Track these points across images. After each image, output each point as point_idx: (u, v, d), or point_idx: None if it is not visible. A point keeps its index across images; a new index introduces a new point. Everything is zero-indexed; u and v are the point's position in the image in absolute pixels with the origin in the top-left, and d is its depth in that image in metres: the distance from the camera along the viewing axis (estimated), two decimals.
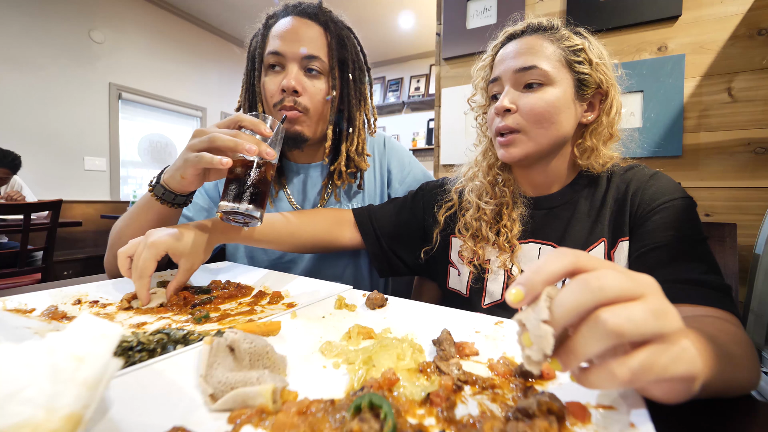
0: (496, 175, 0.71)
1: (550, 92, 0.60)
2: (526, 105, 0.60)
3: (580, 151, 0.64)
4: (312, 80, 0.78)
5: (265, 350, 0.33)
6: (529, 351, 0.25)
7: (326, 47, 0.79)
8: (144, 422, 0.25)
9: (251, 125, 0.58)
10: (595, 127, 0.63)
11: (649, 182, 0.61)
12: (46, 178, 3.18)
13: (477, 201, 0.70)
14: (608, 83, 0.61)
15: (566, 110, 0.61)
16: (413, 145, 4.74)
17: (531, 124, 0.61)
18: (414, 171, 0.96)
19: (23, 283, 2.08)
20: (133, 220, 0.67)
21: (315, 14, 0.79)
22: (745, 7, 1.06)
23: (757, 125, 1.06)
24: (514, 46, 0.63)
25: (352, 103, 0.84)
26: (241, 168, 0.57)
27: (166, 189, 0.63)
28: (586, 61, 0.61)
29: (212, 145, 0.55)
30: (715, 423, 0.31)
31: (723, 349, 0.31)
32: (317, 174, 0.90)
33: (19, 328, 0.42)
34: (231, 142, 0.54)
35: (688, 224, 0.55)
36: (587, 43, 0.62)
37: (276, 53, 0.76)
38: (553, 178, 0.68)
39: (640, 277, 0.24)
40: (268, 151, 0.56)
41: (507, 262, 0.67)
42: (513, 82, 0.62)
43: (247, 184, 0.57)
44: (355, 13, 4.02)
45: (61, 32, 3.25)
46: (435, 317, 0.48)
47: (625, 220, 0.61)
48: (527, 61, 0.60)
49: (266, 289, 0.62)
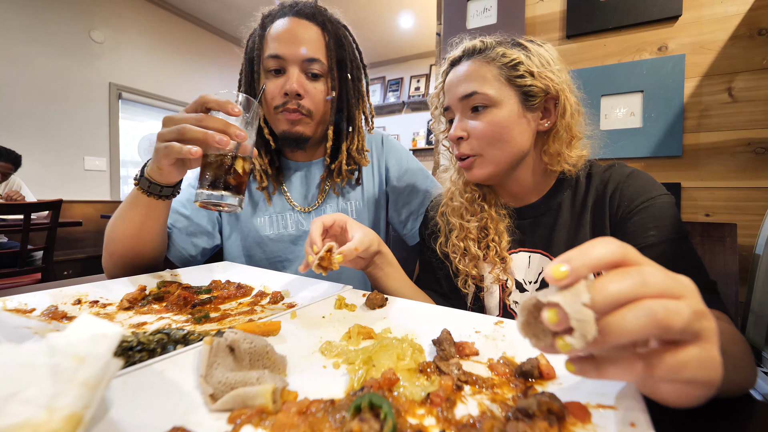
0: (473, 191, 0.71)
1: (495, 113, 0.61)
2: (475, 130, 0.62)
3: (548, 157, 0.64)
4: (313, 82, 0.78)
5: (265, 350, 0.33)
6: (570, 338, 0.23)
7: (325, 48, 0.79)
8: (144, 422, 0.25)
9: (218, 106, 0.55)
10: (555, 131, 0.63)
11: (626, 182, 0.61)
12: (46, 178, 3.18)
13: (459, 221, 0.70)
14: (556, 88, 0.61)
15: (517, 126, 0.61)
16: (413, 145, 4.74)
17: (485, 147, 0.62)
18: (411, 169, 0.96)
19: (23, 283, 2.08)
20: (124, 217, 0.67)
21: (312, 14, 0.79)
22: (746, 7, 1.06)
23: (758, 125, 1.06)
24: (456, 73, 0.65)
25: (351, 103, 0.85)
26: (215, 153, 0.55)
27: (151, 181, 0.62)
28: (527, 72, 0.61)
29: (181, 137, 0.53)
30: (715, 423, 0.31)
31: (725, 350, 0.31)
32: (316, 171, 0.91)
33: (19, 328, 0.42)
34: (200, 133, 0.52)
35: (669, 223, 0.55)
36: (524, 54, 0.62)
37: (276, 57, 0.76)
38: (529, 188, 0.68)
39: (681, 278, 0.24)
40: (238, 133, 0.53)
41: (501, 275, 0.67)
42: (460, 109, 0.64)
43: (221, 169, 0.54)
44: (355, 13, 4.03)
45: (61, 32, 3.25)
46: (435, 317, 0.48)
47: (606, 223, 0.61)
48: (467, 88, 0.62)
49: (266, 289, 0.63)
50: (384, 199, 0.96)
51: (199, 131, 0.52)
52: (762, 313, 0.89)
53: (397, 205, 0.95)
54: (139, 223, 0.66)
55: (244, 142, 0.55)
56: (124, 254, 0.69)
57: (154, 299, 0.56)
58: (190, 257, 0.83)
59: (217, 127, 0.53)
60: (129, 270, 0.71)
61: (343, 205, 0.90)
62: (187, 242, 0.82)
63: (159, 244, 0.73)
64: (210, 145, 0.52)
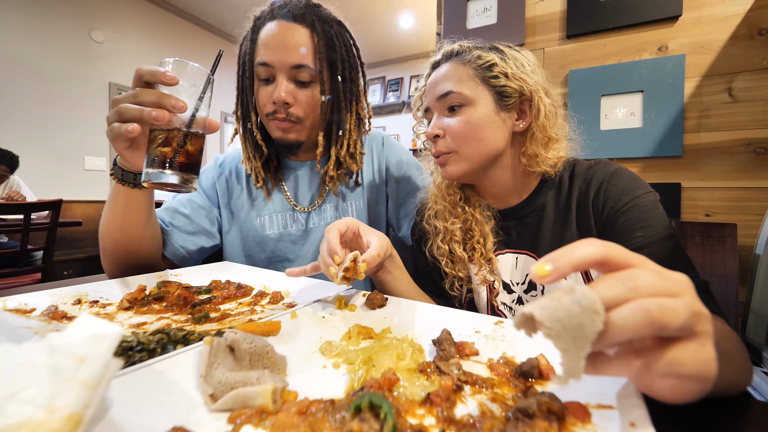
0: (455, 193, 0.72)
1: (471, 112, 0.63)
2: (450, 128, 0.64)
3: (526, 158, 0.65)
4: (302, 89, 0.78)
5: (265, 350, 0.33)
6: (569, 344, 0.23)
7: (314, 52, 0.77)
8: (144, 422, 0.25)
9: (151, 77, 0.51)
10: (532, 133, 0.64)
11: (610, 181, 0.61)
12: (46, 178, 3.18)
13: (443, 224, 0.71)
14: (529, 89, 0.62)
15: (491, 124, 0.63)
16: (413, 145, 4.72)
17: (459, 144, 0.64)
18: (411, 170, 0.96)
19: (23, 283, 2.08)
20: (109, 211, 0.67)
21: (301, 15, 0.77)
22: (746, 7, 1.06)
23: (758, 125, 1.06)
24: (435, 76, 0.67)
25: (341, 106, 0.83)
26: (158, 130, 0.51)
27: (123, 170, 0.61)
28: (501, 74, 0.62)
29: (120, 117, 0.51)
30: (714, 422, 0.31)
31: (720, 347, 0.31)
32: (315, 171, 0.91)
33: (19, 328, 0.42)
34: (135, 110, 0.49)
35: (654, 222, 0.55)
36: (499, 57, 0.64)
37: (264, 64, 0.76)
38: (508, 189, 0.69)
39: (676, 275, 0.24)
40: (174, 103, 0.49)
41: (487, 276, 0.68)
42: (438, 109, 0.66)
43: (167, 146, 0.51)
44: (355, 13, 4.03)
45: (61, 32, 3.25)
46: (435, 317, 0.48)
47: (591, 224, 0.61)
48: (444, 88, 0.64)
49: (266, 289, 0.62)
50: (384, 199, 0.96)
51: (134, 108, 0.50)
52: (762, 313, 0.89)
53: (396, 205, 0.95)
54: (121, 215, 0.66)
55: (184, 113, 0.51)
56: (114, 249, 0.69)
57: (154, 299, 0.56)
58: (188, 255, 0.82)
59: (150, 101, 0.50)
60: (125, 268, 0.71)
61: (343, 205, 0.90)
62: (186, 240, 0.82)
63: (148, 238, 0.71)
64: (147, 121, 0.49)
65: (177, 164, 0.51)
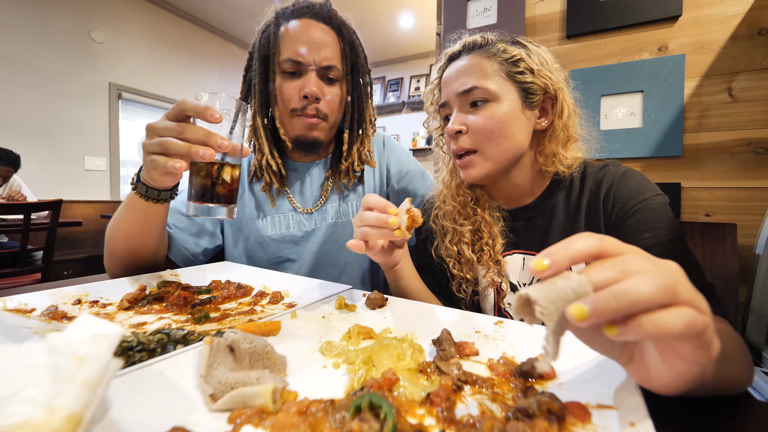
0: (465, 194, 0.70)
1: (496, 108, 0.60)
2: (475, 124, 0.61)
3: (543, 157, 0.64)
4: (328, 86, 0.80)
5: (265, 350, 0.33)
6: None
7: (341, 54, 0.80)
8: (144, 422, 0.25)
9: (196, 114, 0.51)
10: (552, 131, 0.63)
11: (620, 182, 0.60)
12: (46, 178, 3.18)
13: (452, 225, 0.69)
14: (554, 87, 0.61)
15: (516, 122, 0.61)
16: (413, 145, 4.74)
17: (483, 142, 0.61)
18: (411, 170, 0.96)
19: (23, 283, 2.08)
20: (123, 219, 0.67)
21: (329, 18, 0.79)
22: (746, 7, 1.06)
23: (758, 125, 1.06)
24: (455, 68, 0.64)
25: (363, 107, 0.87)
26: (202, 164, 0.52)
27: (148, 186, 0.61)
28: (527, 69, 0.61)
29: (165, 151, 0.51)
30: (715, 422, 0.31)
31: (722, 347, 0.31)
32: (318, 171, 0.91)
33: (19, 328, 0.42)
34: (183, 147, 0.50)
35: (663, 224, 0.55)
36: (525, 52, 0.62)
37: (295, 61, 0.76)
38: (523, 189, 0.68)
39: (666, 262, 0.24)
40: (220, 143, 0.50)
41: (495, 278, 0.67)
42: (459, 104, 0.63)
43: (208, 180, 0.52)
44: (355, 13, 4.00)
45: (61, 32, 3.25)
46: (435, 317, 0.48)
47: (600, 224, 0.61)
48: (467, 83, 0.61)
49: (266, 289, 0.62)
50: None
51: (182, 145, 0.50)
52: (762, 313, 0.89)
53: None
54: (138, 225, 0.66)
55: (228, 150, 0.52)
56: (124, 255, 0.69)
57: (154, 299, 0.56)
58: (192, 257, 0.82)
59: (197, 139, 0.50)
60: (130, 270, 0.71)
61: (344, 205, 0.90)
62: (189, 242, 0.82)
63: (159, 245, 0.73)
64: (193, 159, 0.50)
65: (220, 197, 0.53)
